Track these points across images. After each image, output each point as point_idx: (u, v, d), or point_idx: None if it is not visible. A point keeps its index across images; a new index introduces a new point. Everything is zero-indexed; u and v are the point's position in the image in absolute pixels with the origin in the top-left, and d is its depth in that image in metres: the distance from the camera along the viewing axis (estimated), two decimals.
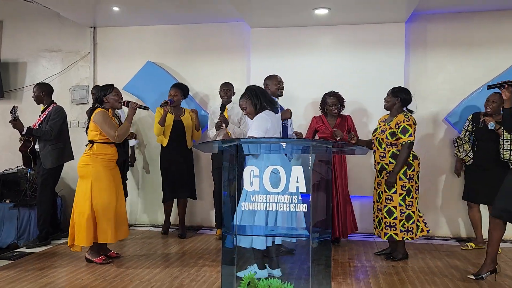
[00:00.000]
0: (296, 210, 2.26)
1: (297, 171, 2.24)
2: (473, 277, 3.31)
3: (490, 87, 3.30)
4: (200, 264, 3.85)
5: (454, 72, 4.91)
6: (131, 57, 5.46)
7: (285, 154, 2.54)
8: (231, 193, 2.36)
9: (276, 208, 2.27)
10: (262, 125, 3.20)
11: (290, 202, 2.26)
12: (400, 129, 3.82)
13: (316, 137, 4.54)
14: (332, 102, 4.38)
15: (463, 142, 4.38)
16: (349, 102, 4.60)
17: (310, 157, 2.25)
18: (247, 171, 2.30)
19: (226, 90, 4.67)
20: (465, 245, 4.43)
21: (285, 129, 4.18)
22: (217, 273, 3.56)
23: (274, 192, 2.27)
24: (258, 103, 3.33)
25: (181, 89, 4.77)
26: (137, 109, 3.94)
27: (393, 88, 3.99)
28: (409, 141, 3.79)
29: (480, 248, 4.33)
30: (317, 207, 2.41)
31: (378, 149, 3.98)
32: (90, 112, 3.95)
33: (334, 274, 3.60)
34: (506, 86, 3.16)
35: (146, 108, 4.12)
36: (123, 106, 3.95)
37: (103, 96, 3.80)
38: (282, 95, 4.20)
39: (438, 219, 4.92)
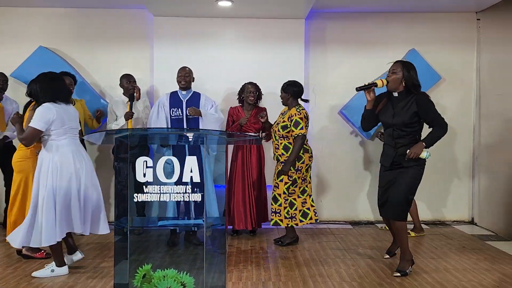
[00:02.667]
0: (190, 200, 2.26)
1: (191, 161, 2.25)
2: (388, 256, 3.66)
3: (358, 89, 3.38)
4: (98, 261, 3.69)
5: (350, 68, 5.25)
6: (20, 41, 5.01)
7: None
8: (124, 185, 2.29)
9: (170, 198, 2.26)
10: (44, 116, 3.15)
11: (184, 192, 2.26)
12: (292, 122, 4.01)
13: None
14: (250, 90, 4.44)
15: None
16: None
17: (204, 147, 2.27)
18: (139, 162, 2.25)
19: (133, 81, 4.57)
20: (383, 227, 4.73)
21: (196, 120, 4.17)
22: None
23: (167, 183, 2.26)
24: (40, 93, 3.24)
25: (72, 78, 4.49)
26: None
27: (282, 84, 4.18)
28: (300, 134, 3.98)
29: (420, 236, 4.57)
30: (212, 196, 2.44)
31: (274, 141, 4.17)
32: (26, 106, 3.75)
33: (236, 262, 3.69)
34: (372, 88, 3.33)
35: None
36: None
37: None
38: (184, 87, 4.18)
39: (335, 205, 5.26)
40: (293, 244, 4.18)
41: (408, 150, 3.21)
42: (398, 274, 3.34)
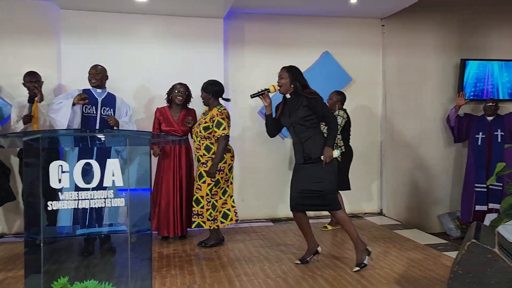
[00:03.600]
0: (113, 205, 2.13)
1: (113, 164, 2.11)
2: (299, 262, 3.61)
3: (252, 96, 3.52)
4: (1, 277, 3.32)
5: (267, 68, 5.32)
6: None
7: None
8: (36, 192, 2.08)
9: (89, 205, 2.10)
10: None
11: (105, 197, 2.12)
12: (215, 123, 3.96)
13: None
14: (179, 90, 4.27)
15: None
16: None
17: (126, 149, 2.15)
18: (54, 167, 2.05)
19: (35, 81, 4.16)
20: (324, 227, 4.83)
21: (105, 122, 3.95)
22: (22, 284, 3.12)
23: (87, 188, 2.09)
24: None
25: None
26: None
27: (203, 84, 4.11)
28: (223, 135, 3.96)
29: (336, 229, 4.74)
30: (136, 201, 2.31)
31: (194, 141, 4.10)
32: None
33: (159, 267, 3.57)
34: (266, 93, 3.49)
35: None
36: None
37: None
38: (95, 85, 3.96)
39: (257, 203, 5.33)
40: (217, 245, 4.15)
41: (322, 157, 3.38)
42: (357, 268, 3.39)
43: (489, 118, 5.23)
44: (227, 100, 4.26)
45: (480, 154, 5.20)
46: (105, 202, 2.11)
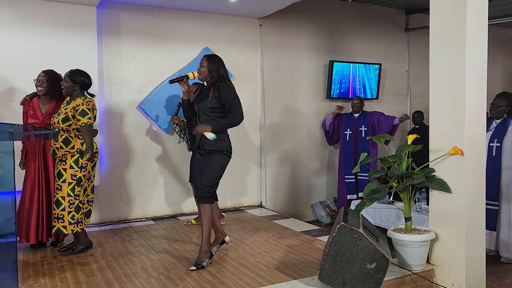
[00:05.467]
0: None
1: None
2: (194, 268, 3.40)
3: (171, 81, 3.54)
4: None
5: (145, 61, 5.16)
6: None
7: None
8: None
9: None
10: None
11: None
12: (79, 112, 3.65)
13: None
14: (38, 79, 3.83)
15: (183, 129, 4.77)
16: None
17: None
18: None
19: None
20: (188, 222, 4.78)
21: None
22: None
23: None
24: None
25: None
26: None
27: (70, 71, 3.77)
28: (88, 123, 3.67)
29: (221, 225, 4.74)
30: None
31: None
32: None
33: (24, 277, 3.20)
34: (185, 80, 3.50)
35: None
36: None
37: None
38: None
39: (136, 202, 5.11)
40: (86, 250, 3.83)
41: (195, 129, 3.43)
42: (194, 268, 3.34)
43: (356, 115, 5.80)
44: (92, 95, 3.93)
45: (348, 149, 5.75)
46: None
